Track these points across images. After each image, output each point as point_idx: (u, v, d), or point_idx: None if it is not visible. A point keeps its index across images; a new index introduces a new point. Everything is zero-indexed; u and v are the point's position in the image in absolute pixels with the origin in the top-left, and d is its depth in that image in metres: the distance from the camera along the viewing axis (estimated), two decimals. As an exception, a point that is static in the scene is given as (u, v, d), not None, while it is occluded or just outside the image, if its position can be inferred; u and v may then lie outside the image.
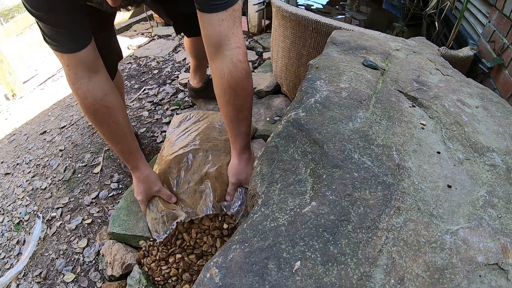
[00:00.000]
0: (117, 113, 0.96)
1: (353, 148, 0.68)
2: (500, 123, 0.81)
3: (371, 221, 0.55)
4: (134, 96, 2.15)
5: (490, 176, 0.66)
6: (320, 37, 1.36)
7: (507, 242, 0.54)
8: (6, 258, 1.34)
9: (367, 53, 1.03)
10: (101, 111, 0.93)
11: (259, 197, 0.62)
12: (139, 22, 3.47)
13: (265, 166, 0.68)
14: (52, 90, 2.53)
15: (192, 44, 1.56)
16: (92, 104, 0.91)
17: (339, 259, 0.50)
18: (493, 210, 0.59)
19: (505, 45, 1.11)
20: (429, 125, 0.78)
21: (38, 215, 1.45)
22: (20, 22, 2.93)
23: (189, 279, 1.01)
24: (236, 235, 0.56)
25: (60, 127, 2.02)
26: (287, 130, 0.74)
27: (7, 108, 2.45)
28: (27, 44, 3.02)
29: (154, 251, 1.07)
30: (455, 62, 1.15)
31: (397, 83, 0.91)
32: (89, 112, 0.93)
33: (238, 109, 0.97)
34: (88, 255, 1.26)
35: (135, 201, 1.24)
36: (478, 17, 1.37)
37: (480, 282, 0.48)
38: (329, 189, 0.60)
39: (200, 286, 0.48)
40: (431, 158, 0.69)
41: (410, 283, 0.48)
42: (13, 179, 1.70)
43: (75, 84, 0.90)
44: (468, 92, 0.92)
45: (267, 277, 0.48)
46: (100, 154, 1.71)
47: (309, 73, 0.93)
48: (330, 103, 0.80)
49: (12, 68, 2.48)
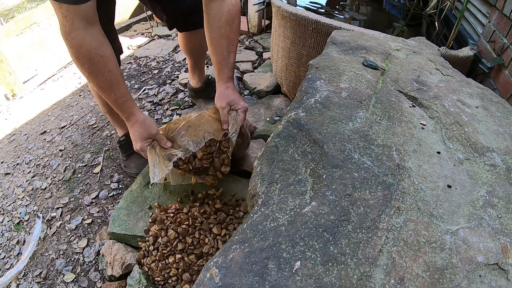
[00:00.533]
0: (111, 62, 0.97)
1: (353, 148, 0.68)
2: (500, 123, 0.81)
3: (371, 221, 0.55)
4: (134, 96, 2.15)
5: (490, 176, 0.66)
6: (320, 37, 1.36)
7: (507, 242, 0.54)
8: (6, 258, 1.34)
9: (367, 53, 1.03)
10: (96, 60, 0.94)
11: (259, 197, 0.62)
12: (139, 22, 3.47)
13: (265, 166, 0.68)
14: (52, 90, 2.53)
15: (185, 40, 1.55)
16: (87, 52, 0.92)
17: (339, 259, 0.50)
18: (493, 210, 0.59)
19: (505, 45, 1.11)
20: (429, 125, 0.78)
21: (38, 215, 1.45)
22: (20, 22, 2.94)
23: (189, 279, 1.01)
24: (236, 235, 0.56)
25: (60, 127, 2.02)
26: (287, 130, 0.74)
27: (7, 108, 2.45)
28: (27, 44, 3.02)
29: (154, 251, 1.07)
30: (455, 62, 1.15)
31: (397, 83, 0.91)
32: (84, 61, 0.93)
33: (230, 42, 1.09)
34: (88, 255, 1.26)
35: (135, 201, 1.24)
36: (478, 17, 1.37)
37: (480, 282, 0.48)
38: (329, 189, 0.60)
39: (200, 286, 0.48)
40: (431, 158, 0.69)
41: (410, 283, 0.48)
42: (13, 179, 1.70)
43: (70, 33, 0.90)
44: (468, 92, 0.92)
45: (267, 277, 0.48)
46: (100, 154, 1.71)
47: (309, 73, 0.93)
48: (330, 103, 0.80)
49: (12, 68, 2.48)
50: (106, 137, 1.84)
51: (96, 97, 1.42)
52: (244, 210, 1.16)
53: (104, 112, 1.50)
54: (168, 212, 1.16)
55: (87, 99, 2.27)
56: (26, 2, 4.95)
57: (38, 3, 4.70)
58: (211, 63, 2.34)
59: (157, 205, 1.21)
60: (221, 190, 1.22)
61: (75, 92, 2.41)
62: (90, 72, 0.96)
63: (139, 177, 1.34)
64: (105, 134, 1.86)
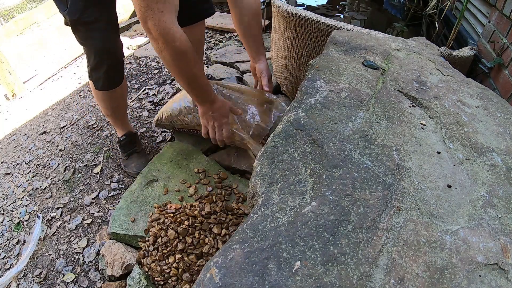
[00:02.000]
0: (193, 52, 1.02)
1: (353, 148, 0.68)
2: (500, 123, 0.81)
3: (371, 221, 0.55)
4: (134, 96, 2.15)
5: (490, 176, 0.66)
6: (320, 37, 1.36)
7: (507, 242, 0.54)
8: (6, 258, 1.34)
9: (367, 53, 1.03)
10: (191, 50, 0.99)
11: (259, 197, 0.62)
12: (139, 22, 3.47)
13: (265, 166, 0.68)
14: (52, 90, 2.53)
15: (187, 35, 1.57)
16: (187, 45, 0.97)
17: (339, 259, 0.50)
18: (493, 210, 0.59)
19: (505, 45, 1.11)
20: (429, 125, 0.78)
21: (38, 215, 1.45)
22: (20, 22, 2.94)
23: (189, 279, 1.01)
24: (236, 235, 0.56)
25: (60, 127, 2.02)
26: (287, 130, 0.74)
27: (7, 108, 2.45)
28: (27, 44, 3.02)
29: (154, 251, 1.07)
30: (455, 62, 1.15)
31: (397, 83, 0.91)
32: (184, 50, 0.96)
33: (259, 27, 1.33)
34: (88, 255, 1.26)
35: (135, 201, 1.24)
36: (478, 17, 1.37)
37: (480, 282, 0.48)
38: (329, 189, 0.60)
39: (200, 286, 0.48)
40: (431, 158, 0.69)
41: (410, 283, 0.48)
42: (13, 179, 1.70)
43: (172, 28, 0.92)
44: (468, 92, 0.92)
45: (267, 277, 0.48)
46: (100, 154, 1.71)
47: (309, 73, 0.93)
48: (330, 103, 0.80)
49: (12, 68, 2.48)
50: (106, 137, 1.84)
51: (99, 103, 1.43)
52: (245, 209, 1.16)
53: (106, 115, 1.50)
54: (168, 212, 1.16)
55: (87, 99, 2.27)
56: (26, 2, 4.96)
57: (38, 3, 4.71)
58: (212, 62, 2.35)
59: (157, 206, 1.21)
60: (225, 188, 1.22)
61: (75, 92, 2.41)
62: (189, 61, 0.99)
63: (139, 177, 1.34)
64: (105, 134, 1.86)
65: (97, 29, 1.15)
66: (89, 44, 1.20)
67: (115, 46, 1.25)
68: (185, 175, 1.34)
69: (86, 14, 1.11)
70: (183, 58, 0.97)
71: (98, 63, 1.24)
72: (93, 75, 1.29)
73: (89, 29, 1.15)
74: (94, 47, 1.20)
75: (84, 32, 1.16)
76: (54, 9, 3.16)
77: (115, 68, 1.30)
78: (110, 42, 1.21)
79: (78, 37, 1.19)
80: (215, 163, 1.39)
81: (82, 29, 1.15)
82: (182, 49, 0.95)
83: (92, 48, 1.21)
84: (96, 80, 1.30)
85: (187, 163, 1.39)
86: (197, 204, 1.17)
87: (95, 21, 1.13)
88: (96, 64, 1.25)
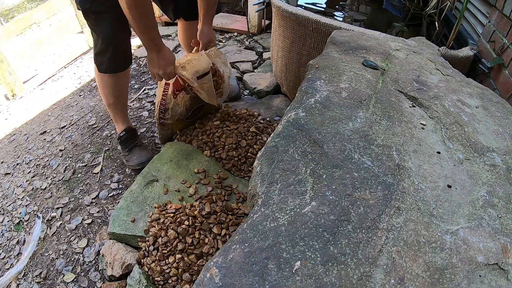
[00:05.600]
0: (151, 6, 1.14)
1: (353, 148, 0.68)
2: (500, 123, 0.81)
3: (371, 221, 0.55)
4: (134, 96, 2.15)
5: (490, 176, 0.66)
6: (320, 37, 1.36)
7: (507, 242, 0.54)
8: (6, 258, 1.34)
9: (367, 53, 1.03)
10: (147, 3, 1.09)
11: (259, 197, 0.62)
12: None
13: (265, 166, 0.68)
14: (52, 90, 2.52)
15: (186, 31, 1.65)
16: None
17: (339, 259, 0.50)
18: (493, 210, 0.59)
19: (505, 45, 1.11)
20: (429, 125, 0.78)
21: (38, 215, 1.45)
22: (20, 22, 2.93)
23: (189, 279, 1.01)
24: (236, 235, 0.56)
25: (60, 127, 2.02)
26: (287, 130, 0.74)
27: (7, 108, 2.45)
28: (27, 44, 3.02)
29: (154, 251, 1.07)
30: (455, 62, 1.15)
31: (397, 83, 0.91)
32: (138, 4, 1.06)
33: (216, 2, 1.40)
34: (88, 255, 1.26)
35: (135, 201, 1.24)
36: (478, 17, 1.37)
37: (480, 282, 0.48)
38: (329, 189, 0.60)
39: (200, 286, 0.48)
40: (431, 158, 0.69)
41: (410, 283, 0.48)
42: (13, 179, 1.70)
43: None
44: (468, 92, 0.92)
45: (267, 277, 0.48)
46: (100, 154, 1.71)
47: (309, 73, 0.93)
48: (330, 103, 0.80)
49: (12, 68, 2.48)
50: (106, 137, 1.84)
51: (102, 90, 1.49)
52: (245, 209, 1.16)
53: (107, 105, 1.52)
54: (168, 212, 1.16)
55: (87, 99, 2.27)
56: (26, 2, 4.96)
57: (38, 3, 4.71)
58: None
59: (157, 206, 1.21)
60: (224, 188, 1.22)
61: (75, 92, 2.41)
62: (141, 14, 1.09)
63: (139, 177, 1.34)
64: (105, 134, 1.86)
65: (105, 18, 1.26)
66: (98, 30, 1.31)
67: (122, 35, 1.34)
68: (185, 175, 1.34)
69: (95, 4, 1.22)
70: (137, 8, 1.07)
71: (104, 49, 1.34)
72: (98, 59, 1.39)
73: (98, 18, 1.27)
74: (102, 34, 1.30)
75: (93, 19, 1.28)
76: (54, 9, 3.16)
77: (120, 55, 1.39)
78: (117, 31, 1.31)
79: (89, 22, 1.31)
80: (215, 163, 1.39)
81: (92, 16, 1.27)
82: (138, 2, 1.05)
83: (100, 34, 1.31)
84: (100, 63, 1.39)
85: (187, 163, 1.39)
86: (197, 204, 1.17)
87: (103, 12, 1.24)
88: (102, 49, 1.34)
